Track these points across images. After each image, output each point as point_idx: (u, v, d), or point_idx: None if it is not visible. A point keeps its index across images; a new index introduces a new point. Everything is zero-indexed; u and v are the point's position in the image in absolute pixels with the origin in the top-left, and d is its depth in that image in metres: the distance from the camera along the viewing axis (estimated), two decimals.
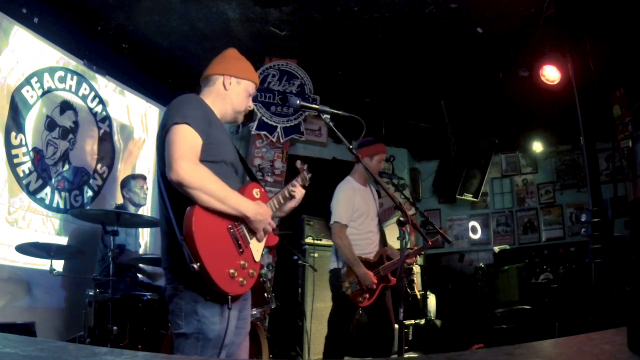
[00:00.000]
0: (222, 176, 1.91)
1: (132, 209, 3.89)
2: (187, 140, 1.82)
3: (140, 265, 3.78)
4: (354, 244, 3.43)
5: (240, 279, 1.83)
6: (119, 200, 4.42)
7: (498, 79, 5.44)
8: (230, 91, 2.11)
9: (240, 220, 1.90)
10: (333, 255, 3.54)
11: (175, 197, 1.83)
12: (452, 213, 7.42)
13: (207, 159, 1.89)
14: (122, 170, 4.73)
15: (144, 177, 4.09)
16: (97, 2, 4.26)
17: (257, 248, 1.98)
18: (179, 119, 1.84)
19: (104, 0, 4.25)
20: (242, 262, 1.86)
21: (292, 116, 5.42)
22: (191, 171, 1.75)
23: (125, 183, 4.00)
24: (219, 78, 2.12)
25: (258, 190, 2.10)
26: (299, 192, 2.24)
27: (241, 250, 1.88)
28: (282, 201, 2.18)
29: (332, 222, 3.50)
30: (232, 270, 1.80)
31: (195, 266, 1.68)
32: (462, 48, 5.07)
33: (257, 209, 1.93)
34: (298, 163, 2.40)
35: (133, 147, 4.98)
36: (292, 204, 2.24)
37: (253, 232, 1.96)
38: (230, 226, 1.87)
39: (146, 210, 4.52)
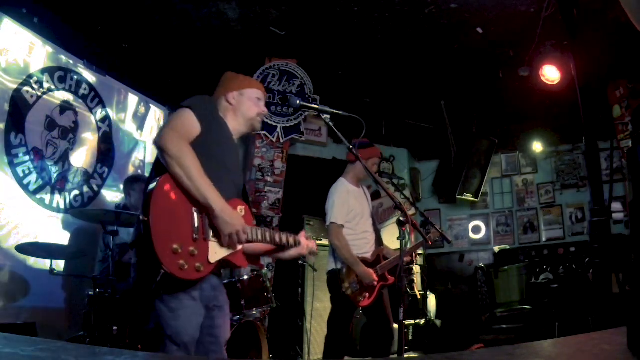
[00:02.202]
0: (211, 176, 1.86)
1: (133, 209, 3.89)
2: (184, 120, 1.91)
3: None
4: (351, 244, 3.43)
5: (181, 262, 1.72)
6: (120, 199, 4.42)
7: (498, 79, 5.44)
8: (236, 104, 2.19)
9: (206, 212, 1.84)
10: (330, 257, 3.54)
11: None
12: (452, 213, 7.42)
13: (199, 151, 1.86)
14: (122, 171, 4.73)
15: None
16: (97, 2, 4.26)
17: (215, 250, 1.88)
18: (184, 103, 1.96)
19: (104, 0, 4.25)
20: (191, 249, 1.76)
21: (292, 116, 5.42)
22: (174, 141, 1.81)
23: (130, 183, 3.98)
24: (222, 100, 2.20)
25: (243, 208, 2.05)
26: (307, 245, 2.25)
27: (195, 236, 1.79)
28: (268, 239, 2.08)
29: (328, 223, 3.50)
30: (176, 246, 1.70)
31: (142, 217, 1.70)
32: (462, 48, 5.07)
33: (227, 208, 1.85)
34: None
35: (133, 147, 4.98)
36: (292, 252, 2.23)
37: (217, 234, 1.87)
38: (195, 209, 1.82)
39: None
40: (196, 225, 1.81)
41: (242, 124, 2.20)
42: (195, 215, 1.82)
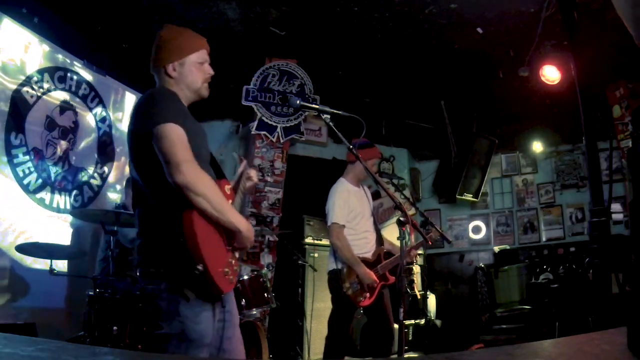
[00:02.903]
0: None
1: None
2: (181, 140, 1.77)
3: None
4: (352, 244, 3.43)
5: (231, 277, 1.87)
6: (120, 199, 4.43)
7: (498, 78, 5.44)
8: (178, 76, 2.00)
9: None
10: (331, 257, 3.54)
11: (163, 197, 1.80)
12: (452, 213, 7.42)
13: None
14: (122, 170, 4.73)
15: None
16: (97, 2, 4.26)
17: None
18: (161, 117, 1.78)
19: (104, 0, 4.25)
20: (230, 260, 1.90)
21: (292, 116, 5.42)
22: (196, 177, 1.74)
23: (130, 182, 3.98)
24: (161, 73, 2.02)
25: (229, 187, 2.09)
26: (253, 173, 2.29)
27: (229, 248, 1.92)
28: (242, 196, 2.25)
29: (329, 223, 3.50)
30: (226, 269, 1.84)
31: (199, 267, 1.69)
32: (462, 48, 5.07)
33: (249, 225, 1.94)
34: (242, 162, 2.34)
35: None
36: (249, 184, 2.28)
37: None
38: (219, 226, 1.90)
39: None
40: (225, 238, 1.91)
41: (189, 96, 2.04)
42: (222, 230, 1.90)
